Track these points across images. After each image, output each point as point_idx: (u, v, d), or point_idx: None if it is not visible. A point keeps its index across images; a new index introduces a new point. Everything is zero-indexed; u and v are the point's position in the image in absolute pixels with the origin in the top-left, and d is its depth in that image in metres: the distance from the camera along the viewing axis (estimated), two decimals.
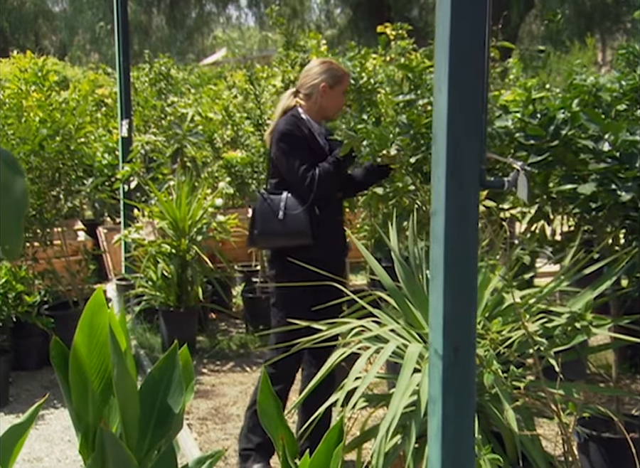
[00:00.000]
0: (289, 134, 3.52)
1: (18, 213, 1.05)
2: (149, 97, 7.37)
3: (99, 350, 2.17)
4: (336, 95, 3.64)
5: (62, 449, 3.94)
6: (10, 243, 1.03)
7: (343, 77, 3.65)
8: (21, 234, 1.04)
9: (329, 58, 3.62)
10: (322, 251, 3.51)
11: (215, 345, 5.62)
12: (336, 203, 3.71)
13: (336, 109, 3.71)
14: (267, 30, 24.75)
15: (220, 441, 3.95)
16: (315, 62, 3.70)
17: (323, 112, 3.67)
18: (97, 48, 23.78)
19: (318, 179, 3.45)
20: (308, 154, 3.51)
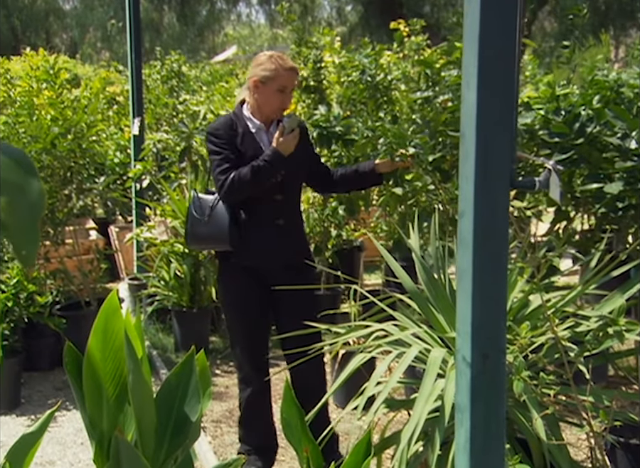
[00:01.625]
0: (212, 133, 3.32)
1: (34, 216, 0.98)
2: (161, 94, 7.31)
3: (113, 355, 2.10)
4: (269, 93, 3.27)
5: (74, 452, 3.88)
6: (26, 249, 0.96)
7: (275, 73, 3.23)
8: (37, 239, 0.97)
9: (277, 52, 3.32)
10: (252, 258, 3.35)
11: (228, 346, 5.55)
12: (272, 206, 3.34)
13: (273, 107, 3.32)
14: (277, 28, 24.68)
15: (235, 445, 3.88)
16: (260, 54, 3.37)
17: (262, 110, 3.33)
18: (109, 46, 23.76)
19: (229, 184, 3.21)
20: (233, 156, 3.26)
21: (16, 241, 0.96)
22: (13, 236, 0.95)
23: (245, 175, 3.20)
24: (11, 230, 0.95)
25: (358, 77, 4.61)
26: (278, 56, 3.28)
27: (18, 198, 0.98)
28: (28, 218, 0.98)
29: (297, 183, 3.50)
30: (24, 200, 0.98)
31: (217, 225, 3.30)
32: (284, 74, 3.24)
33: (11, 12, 22.60)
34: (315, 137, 4.46)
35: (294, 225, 3.46)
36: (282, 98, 3.28)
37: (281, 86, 3.24)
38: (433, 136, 3.52)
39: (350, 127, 4.38)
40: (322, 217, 5.71)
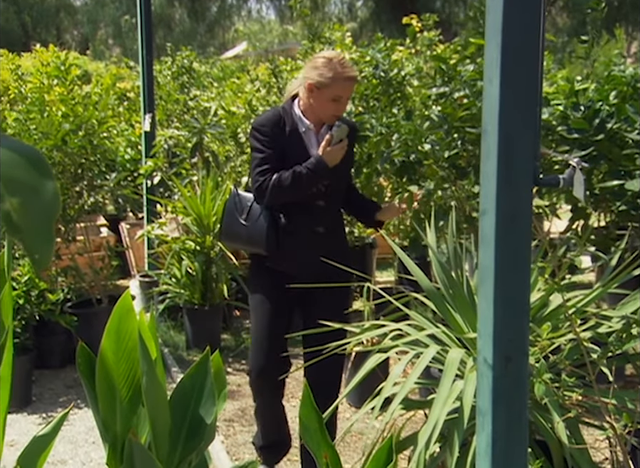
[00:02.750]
0: (257, 129, 3.13)
1: (49, 218, 0.94)
2: (172, 90, 7.27)
3: (127, 356, 2.06)
4: (323, 99, 3.08)
5: (86, 451, 3.85)
6: (40, 252, 0.92)
7: (332, 82, 3.03)
8: (52, 242, 0.93)
9: (339, 55, 3.10)
10: (288, 265, 3.20)
11: (240, 343, 5.52)
12: (313, 212, 3.19)
13: (326, 114, 3.13)
14: (288, 24, 24.62)
15: (248, 444, 3.84)
16: (319, 55, 3.16)
17: (315, 113, 3.14)
18: (120, 42, 23.77)
19: (267, 187, 3.06)
20: (276, 156, 3.09)
21: (29, 244, 0.92)
22: (26, 238, 0.91)
23: (285, 180, 3.04)
24: (24, 233, 0.91)
25: (371, 72, 4.55)
26: (339, 62, 3.05)
27: (31, 199, 0.94)
28: (42, 220, 0.94)
29: (340, 191, 3.32)
30: (38, 201, 0.94)
31: (256, 228, 3.16)
32: (341, 84, 3.04)
33: (22, 8, 22.62)
34: None
35: (335, 233, 3.32)
36: (336, 107, 3.09)
37: (336, 95, 3.05)
38: (449, 133, 3.47)
39: (364, 124, 4.33)
40: None
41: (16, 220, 0.91)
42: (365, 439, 3.84)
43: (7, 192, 0.92)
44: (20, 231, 0.91)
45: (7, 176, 0.94)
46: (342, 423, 3.98)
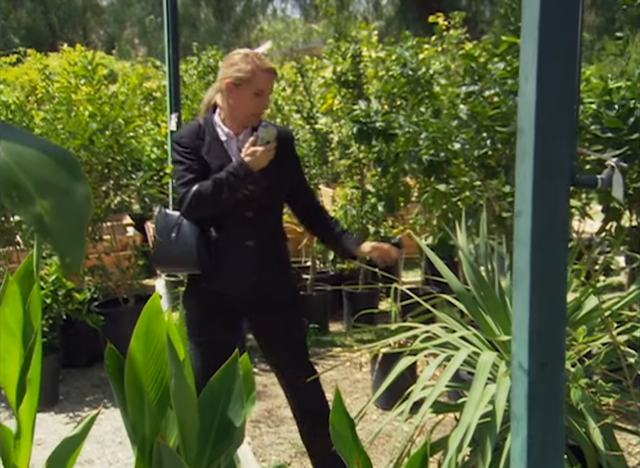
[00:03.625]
0: (177, 141, 2.93)
1: (80, 221, 0.91)
2: (198, 90, 7.27)
3: (155, 358, 2.05)
4: (244, 96, 2.83)
5: (113, 451, 3.85)
6: (71, 256, 0.90)
7: (251, 75, 2.80)
8: (83, 246, 0.91)
9: (254, 51, 2.92)
10: (221, 284, 2.92)
11: None
12: (243, 224, 2.91)
13: (247, 113, 2.88)
14: (312, 22, 24.59)
15: (274, 445, 3.82)
16: (232, 53, 2.93)
17: (234, 115, 2.90)
18: (146, 42, 23.88)
19: (190, 198, 2.82)
20: (198, 167, 2.86)
21: (60, 248, 0.89)
22: (57, 242, 0.89)
23: (206, 189, 2.80)
24: (56, 236, 0.89)
25: (399, 71, 4.51)
26: (254, 55, 2.86)
27: (62, 201, 0.91)
28: (74, 223, 0.92)
29: (274, 202, 3.02)
30: (69, 203, 0.92)
31: (187, 245, 2.86)
32: (262, 76, 2.82)
33: (49, 8, 22.81)
34: (355, 133, 4.39)
35: (272, 250, 3.01)
36: (258, 102, 2.85)
37: (257, 89, 2.81)
38: (478, 132, 3.42)
39: (391, 122, 4.29)
40: (360, 214, 5.63)
41: (47, 223, 0.89)
42: (392, 441, 3.80)
43: (38, 194, 0.89)
44: (52, 234, 0.89)
45: (38, 177, 0.91)
46: (369, 425, 3.95)
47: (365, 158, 5.32)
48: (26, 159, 0.92)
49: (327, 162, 5.82)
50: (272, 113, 7.08)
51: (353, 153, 5.38)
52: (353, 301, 5.72)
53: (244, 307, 2.98)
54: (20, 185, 0.89)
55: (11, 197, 0.87)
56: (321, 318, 5.66)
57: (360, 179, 5.56)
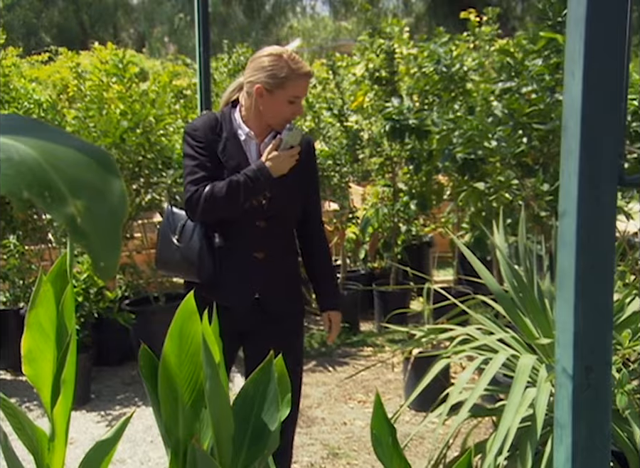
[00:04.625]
0: (190, 133, 2.65)
1: (115, 223, 0.87)
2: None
3: (189, 360, 2.01)
4: (277, 102, 2.56)
5: (144, 450, 3.83)
6: (105, 259, 0.86)
7: (287, 80, 2.53)
8: (118, 249, 0.87)
9: (287, 50, 2.61)
10: (222, 295, 2.63)
11: None
12: (251, 234, 2.63)
13: (279, 120, 2.59)
14: (341, 20, 24.52)
15: (306, 446, 3.79)
16: (263, 53, 2.61)
17: (263, 118, 2.61)
18: (176, 40, 23.99)
19: (201, 199, 2.55)
20: (210, 164, 2.59)
21: (94, 251, 0.86)
22: (91, 245, 0.85)
23: (219, 191, 2.53)
24: (89, 239, 0.85)
25: (432, 67, 4.45)
26: (289, 57, 2.56)
27: (97, 202, 0.87)
28: (109, 225, 0.88)
29: (289, 212, 2.71)
30: (104, 204, 0.88)
31: (190, 249, 2.65)
32: (298, 82, 2.53)
33: (80, 7, 22.99)
34: (387, 130, 4.34)
35: (280, 266, 2.69)
36: (293, 109, 2.57)
37: (292, 96, 2.53)
38: (515, 129, 3.36)
39: (424, 120, 4.23)
40: (392, 212, 5.58)
41: (80, 225, 0.85)
42: (426, 443, 3.75)
43: (71, 194, 0.86)
44: (86, 237, 0.85)
45: (71, 176, 0.87)
46: (401, 426, 3.90)
47: (397, 156, 5.26)
48: (59, 158, 0.88)
49: (357, 160, 5.77)
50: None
51: (385, 151, 5.32)
52: (384, 301, 5.66)
53: (243, 324, 2.69)
54: (53, 185, 0.85)
55: (43, 197, 0.83)
56: (351, 317, 5.61)
57: (392, 177, 5.50)
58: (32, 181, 0.83)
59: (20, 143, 0.87)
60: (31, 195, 0.82)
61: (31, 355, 1.88)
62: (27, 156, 0.85)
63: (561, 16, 3.19)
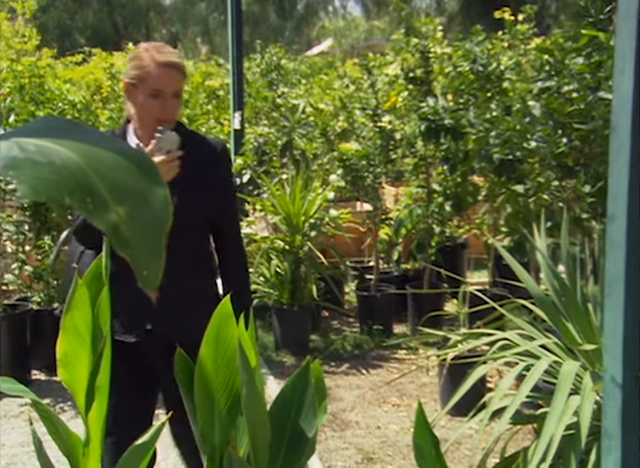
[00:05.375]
0: None
1: (159, 230, 0.84)
2: (261, 88, 7.24)
3: (225, 365, 1.98)
4: (142, 99, 2.31)
5: (178, 454, 3.81)
6: (148, 268, 0.83)
7: (147, 70, 2.29)
8: (162, 257, 0.84)
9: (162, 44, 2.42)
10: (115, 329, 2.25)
11: (330, 344, 5.43)
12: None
13: (149, 117, 2.32)
14: (373, 20, 24.45)
15: (340, 450, 3.74)
16: (138, 48, 2.40)
17: (141, 122, 2.37)
18: (208, 40, 24.10)
19: (78, 222, 2.31)
20: None
21: (137, 259, 0.82)
22: (134, 253, 0.82)
23: None
24: (132, 247, 0.82)
25: (468, 66, 4.38)
26: (155, 48, 2.34)
27: (139, 208, 0.84)
28: (151, 232, 0.84)
29: (189, 227, 2.29)
30: (147, 210, 0.84)
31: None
32: (157, 72, 2.28)
33: (114, 8, 23.19)
34: (422, 130, 4.28)
35: (181, 289, 2.30)
36: (160, 106, 2.28)
37: (153, 89, 2.28)
38: (555, 129, 3.29)
39: (460, 120, 4.17)
40: (426, 213, 5.51)
41: (123, 233, 0.82)
42: (462, 449, 3.69)
43: (113, 199, 0.82)
44: (129, 245, 0.82)
45: (113, 181, 0.84)
46: (437, 431, 3.84)
47: (431, 156, 5.20)
48: (101, 162, 0.85)
49: (391, 160, 5.71)
50: (335, 110, 7.01)
51: (419, 151, 5.26)
52: (418, 303, 5.60)
53: (147, 358, 2.42)
54: (95, 191, 0.82)
55: (85, 203, 0.80)
56: (384, 319, 5.56)
57: (426, 178, 5.44)
58: (74, 187, 0.80)
59: (61, 146, 0.84)
60: (73, 201, 0.79)
61: (67, 358, 1.86)
62: (68, 160, 0.82)
63: (603, 13, 3.13)
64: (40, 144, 0.82)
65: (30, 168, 0.79)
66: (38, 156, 0.81)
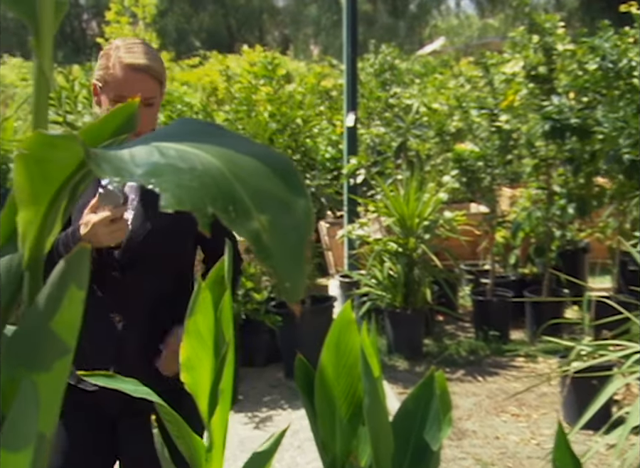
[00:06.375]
0: None
1: (301, 239, 0.79)
2: (374, 88, 7.18)
3: (346, 373, 1.93)
4: (106, 104, 1.95)
5: (291, 455, 3.80)
6: (291, 280, 0.78)
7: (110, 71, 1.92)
8: (304, 268, 0.79)
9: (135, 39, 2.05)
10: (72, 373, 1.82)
11: (444, 349, 5.31)
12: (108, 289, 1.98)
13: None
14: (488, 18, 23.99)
15: (457, 460, 3.64)
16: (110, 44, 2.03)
17: None
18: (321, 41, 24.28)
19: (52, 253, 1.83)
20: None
21: (280, 271, 0.77)
22: (276, 265, 0.77)
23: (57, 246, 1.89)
24: (275, 257, 0.77)
25: (596, 63, 4.18)
26: (126, 46, 1.94)
27: (281, 216, 0.79)
28: (293, 242, 0.79)
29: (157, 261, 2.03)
30: (289, 218, 0.79)
31: None
32: (122, 76, 1.90)
33: (228, 11, 23.68)
34: (546, 130, 4.12)
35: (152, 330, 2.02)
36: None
37: (116, 95, 1.90)
38: None
39: (586, 119, 3.99)
40: (546, 216, 5.32)
41: (265, 242, 0.77)
42: (588, 464, 3.52)
43: (255, 207, 0.78)
44: (271, 255, 0.77)
45: (255, 187, 0.79)
46: None
47: (552, 157, 5.00)
48: (242, 167, 0.80)
49: (508, 161, 5.54)
50: (449, 110, 6.87)
51: (539, 151, 5.08)
52: (537, 309, 5.41)
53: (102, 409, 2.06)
54: (237, 198, 0.77)
55: (227, 211, 0.76)
56: (501, 325, 5.40)
57: (546, 179, 5.24)
58: (216, 194, 0.75)
59: (201, 150, 0.80)
60: (215, 210, 0.74)
61: (189, 363, 1.85)
62: (210, 166, 0.78)
63: None
64: (180, 149, 0.79)
65: (172, 175, 0.75)
66: (180, 162, 0.77)
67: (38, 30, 0.79)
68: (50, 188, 0.79)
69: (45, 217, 0.81)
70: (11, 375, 0.80)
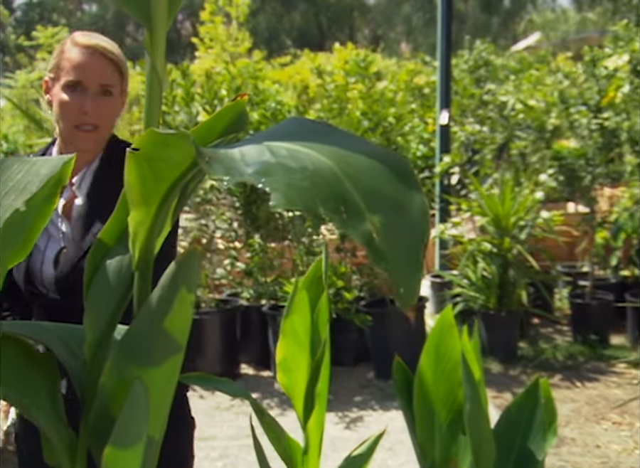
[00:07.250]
0: None
1: (416, 242, 0.75)
2: (468, 85, 7.05)
3: (446, 377, 1.88)
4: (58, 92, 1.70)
5: (382, 457, 3.75)
6: (405, 284, 0.74)
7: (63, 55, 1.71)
8: (420, 273, 0.75)
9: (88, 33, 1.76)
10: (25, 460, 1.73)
11: (540, 353, 5.16)
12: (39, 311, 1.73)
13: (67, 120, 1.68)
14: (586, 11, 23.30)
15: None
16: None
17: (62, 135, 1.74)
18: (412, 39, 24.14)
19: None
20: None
21: (394, 273, 0.73)
22: (391, 267, 0.73)
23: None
24: (389, 260, 0.73)
25: None
26: (83, 34, 1.73)
27: (395, 217, 0.75)
28: (408, 245, 0.75)
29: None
30: (403, 220, 0.75)
31: None
32: (76, 57, 1.68)
33: (320, 10, 23.81)
34: None
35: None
36: (78, 102, 1.66)
37: (68, 79, 1.67)
38: None
39: None
40: None
41: (378, 245, 0.74)
42: None
43: (368, 208, 0.74)
44: (385, 258, 0.73)
45: (367, 187, 0.75)
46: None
47: None
48: (354, 166, 0.77)
49: (610, 160, 5.34)
50: (547, 107, 6.68)
51: None
52: (638, 313, 5.19)
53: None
54: (349, 198, 0.74)
55: (339, 212, 0.73)
56: (601, 329, 5.22)
57: None
58: (328, 195, 0.72)
59: (312, 150, 0.76)
60: (326, 211, 0.71)
61: (286, 363, 1.83)
62: (322, 166, 0.74)
63: None
64: (291, 148, 0.76)
65: (282, 174, 0.72)
66: (290, 162, 0.74)
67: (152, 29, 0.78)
68: (162, 187, 0.78)
69: (156, 217, 0.79)
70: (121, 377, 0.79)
